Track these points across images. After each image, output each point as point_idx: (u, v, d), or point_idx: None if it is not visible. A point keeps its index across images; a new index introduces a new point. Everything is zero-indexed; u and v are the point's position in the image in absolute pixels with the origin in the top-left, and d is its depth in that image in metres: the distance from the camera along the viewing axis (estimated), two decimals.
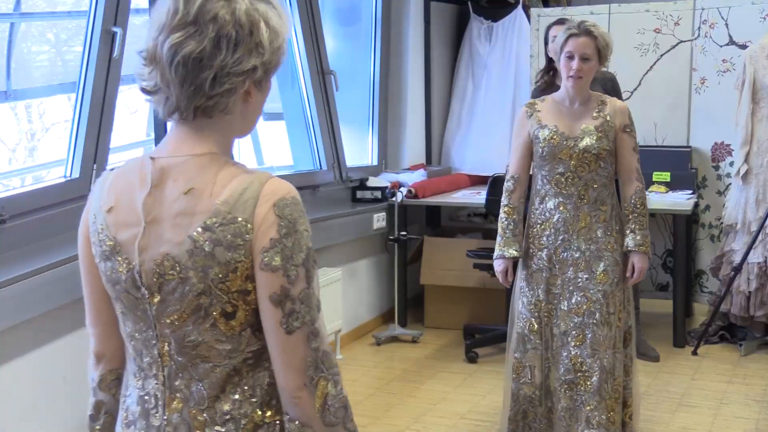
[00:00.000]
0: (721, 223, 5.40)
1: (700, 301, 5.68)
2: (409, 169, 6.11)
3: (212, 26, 1.33)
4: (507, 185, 3.51)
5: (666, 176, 5.49)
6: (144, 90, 1.40)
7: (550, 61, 4.53)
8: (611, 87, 4.80)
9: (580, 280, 3.42)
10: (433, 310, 5.72)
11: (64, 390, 3.42)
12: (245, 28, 1.35)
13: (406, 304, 5.71)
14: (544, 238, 3.46)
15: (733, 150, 5.41)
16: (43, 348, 3.33)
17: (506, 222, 3.51)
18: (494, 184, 5.25)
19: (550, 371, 3.48)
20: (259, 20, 1.36)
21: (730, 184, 5.38)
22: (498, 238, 3.54)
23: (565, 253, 3.43)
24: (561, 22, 4.56)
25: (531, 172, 3.55)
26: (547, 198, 3.46)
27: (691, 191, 5.45)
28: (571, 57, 3.34)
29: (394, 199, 5.52)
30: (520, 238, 3.50)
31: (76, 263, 1.53)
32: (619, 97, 4.85)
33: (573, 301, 3.42)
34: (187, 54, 1.33)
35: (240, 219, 1.35)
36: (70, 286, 3.35)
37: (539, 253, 3.47)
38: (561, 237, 3.44)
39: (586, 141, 3.36)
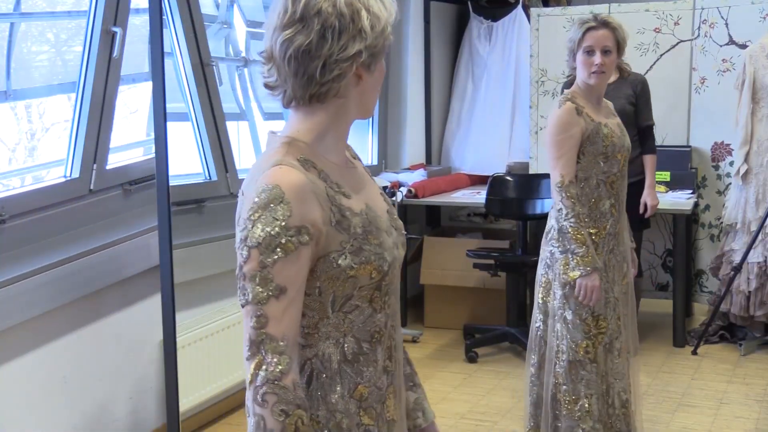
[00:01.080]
0: (721, 222, 5.41)
1: (700, 300, 5.68)
2: (409, 168, 6.11)
3: (317, 20, 1.45)
4: (570, 192, 3.13)
5: (666, 176, 5.49)
6: (266, 86, 1.54)
7: None
8: (641, 90, 4.82)
9: (619, 285, 3.30)
10: (433, 310, 5.72)
11: (64, 390, 3.42)
12: (347, 17, 1.45)
13: (406, 304, 5.70)
14: (601, 244, 3.22)
15: (732, 150, 5.41)
16: (43, 348, 3.33)
17: (585, 232, 3.13)
18: (494, 184, 5.26)
19: (600, 397, 3.23)
20: (360, 8, 1.46)
21: (730, 183, 5.38)
22: (581, 250, 3.11)
23: (613, 259, 3.26)
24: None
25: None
26: (601, 201, 3.21)
27: (691, 191, 5.45)
28: (591, 51, 3.16)
29: (394, 198, 5.52)
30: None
31: (77, 263, 1.59)
32: (648, 100, 4.85)
33: (619, 309, 3.30)
34: (296, 47, 1.45)
35: (240, 197, 1.49)
36: (70, 286, 3.35)
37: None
38: (612, 241, 3.24)
39: (628, 139, 3.29)
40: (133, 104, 4.25)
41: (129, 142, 4.25)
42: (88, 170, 3.67)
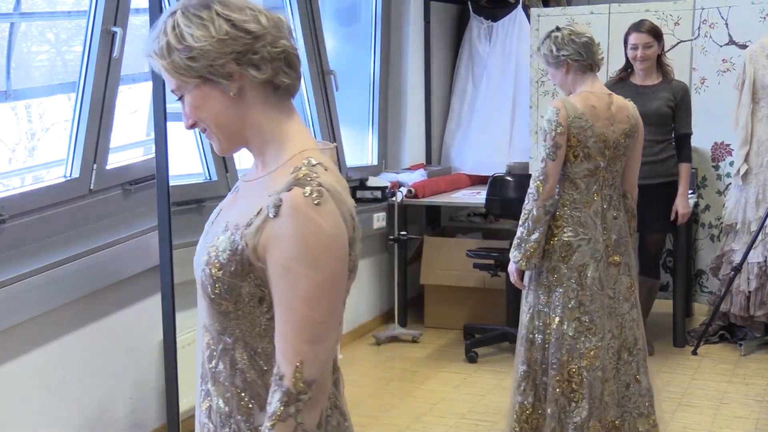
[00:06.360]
0: (721, 222, 5.40)
1: (700, 301, 5.68)
2: (409, 168, 6.11)
3: None
4: None
5: None
6: None
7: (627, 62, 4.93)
8: (681, 97, 4.97)
9: None
10: (433, 310, 5.72)
11: (64, 390, 3.42)
12: None
13: (406, 304, 5.71)
14: None
15: (733, 150, 5.41)
16: (43, 348, 3.33)
17: None
18: (494, 183, 5.25)
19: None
20: None
21: (730, 183, 5.38)
22: None
23: None
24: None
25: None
26: None
27: (691, 191, 5.45)
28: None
29: (394, 198, 5.52)
30: None
31: (76, 263, 1.61)
32: (688, 108, 4.95)
33: None
34: None
35: None
36: (70, 286, 3.35)
37: None
38: None
39: None
40: (133, 104, 4.25)
41: (129, 142, 4.25)
42: (88, 170, 3.67)
